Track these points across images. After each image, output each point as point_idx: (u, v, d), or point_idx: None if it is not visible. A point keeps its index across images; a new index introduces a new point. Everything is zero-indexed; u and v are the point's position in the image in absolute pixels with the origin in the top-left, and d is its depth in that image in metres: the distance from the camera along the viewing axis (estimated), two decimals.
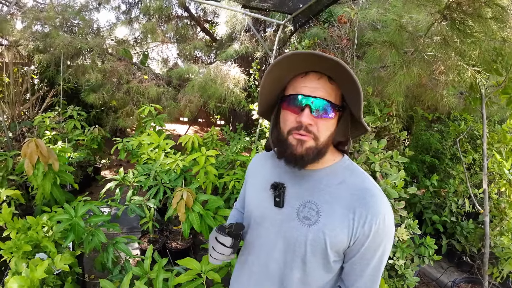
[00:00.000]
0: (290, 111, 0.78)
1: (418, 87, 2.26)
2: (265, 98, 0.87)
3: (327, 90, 0.76)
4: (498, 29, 1.73)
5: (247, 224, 0.96)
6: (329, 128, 0.78)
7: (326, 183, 0.82)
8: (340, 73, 0.74)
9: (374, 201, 0.77)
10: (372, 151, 2.18)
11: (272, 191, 0.86)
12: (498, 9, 1.61)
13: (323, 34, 3.43)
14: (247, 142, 3.20)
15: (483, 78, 1.88)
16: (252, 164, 1.04)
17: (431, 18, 1.83)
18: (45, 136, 3.43)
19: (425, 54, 1.94)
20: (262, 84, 0.83)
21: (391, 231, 0.80)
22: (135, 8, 5.57)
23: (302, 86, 0.77)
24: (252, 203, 0.94)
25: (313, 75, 0.77)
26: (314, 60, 0.73)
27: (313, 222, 0.79)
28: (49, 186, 2.29)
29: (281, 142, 0.81)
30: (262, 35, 4.26)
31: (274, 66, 0.77)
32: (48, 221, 1.87)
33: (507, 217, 2.51)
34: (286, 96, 0.80)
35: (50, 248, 1.71)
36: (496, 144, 2.69)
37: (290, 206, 0.83)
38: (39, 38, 4.44)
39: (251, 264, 0.92)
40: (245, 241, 0.98)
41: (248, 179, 1.02)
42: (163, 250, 2.54)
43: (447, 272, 2.97)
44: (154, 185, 2.48)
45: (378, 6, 2.93)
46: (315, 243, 0.78)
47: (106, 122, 4.62)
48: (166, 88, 4.35)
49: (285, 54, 0.75)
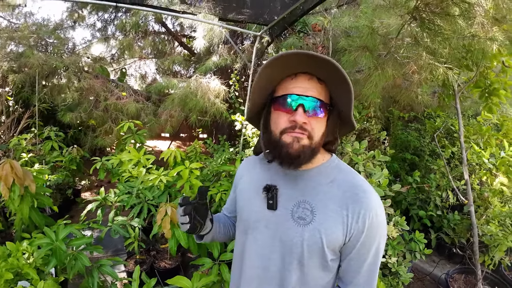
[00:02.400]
0: (282, 112, 0.78)
1: (393, 87, 2.33)
2: (256, 102, 0.87)
3: (318, 90, 0.78)
4: (466, 26, 1.81)
5: (240, 229, 0.94)
6: (321, 127, 0.80)
7: (318, 182, 0.83)
8: (330, 73, 0.75)
9: (366, 197, 0.78)
10: (355, 152, 2.20)
11: (265, 194, 0.85)
12: (465, 6, 1.69)
13: (299, 43, 3.51)
14: (231, 153, 3.18)
15: (455, 74, 1.95)
16: (240, 169, 1.03)
17: (400, 20, 1.90)
18: (22, 159, 3.28)
19: (397, 55, 2.00)
20: (253, 87, 0.83)
21: (384, 225, 0.81)
22: (111, 25, 5.52)
23: (293, 86, 0.78)
24: (244, 208, 0.93)
25: (303, 76, 0.78)
26: (305, 60, 0.74)
27: (308, 222, 0.79)
28: (27, 209, 2.18)
29: (274, 143, 0.80)
30: (240, 47, 4.31)
31: (267, 67, 0.77)
32: (28, 247, 1.77)
33: (491, 205, 2.57)
34: (278, 97, 0.80)
35: (32, 275, 1.62)
36: (472, 136, 2.79)
37: (283, 207, 0.83)
38: (13, 58, 4.30)
39: (248, 269, 0.91)
40: (239, 246, 0.96)
41: (238, 184, 1.01)
42: (151, 271, 2.44)
43: (440, 265, 3.01)
44: (137, 203, 2.39)
45: (349, 13, 3.04)
46: (312, 243, 0.78)
47: (84, 141, 4.48)
48: (145, 104, 4.28)
49: (277, 54, 0.75)
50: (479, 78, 2.45)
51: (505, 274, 2.77)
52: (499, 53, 2.19)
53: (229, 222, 1.12)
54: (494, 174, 2.60)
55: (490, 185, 2.59)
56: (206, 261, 1.97)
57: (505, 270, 2.80)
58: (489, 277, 2.65)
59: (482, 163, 2.58)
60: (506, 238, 2.33)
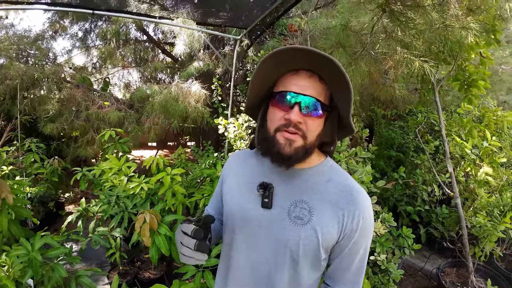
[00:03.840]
0: (279, 108, 0.77)
1: (372, 84, 2.33)
2: (255, 93, 0.85)
3: (317, 89, 0.76)
4: (440, 18, 1.81)
5: (229, 227, 0.89)
6: (317, 127, 0.78)
7: (315, 182, 0.82)
8: (333, 74, 0.74)
9: (359, 197, 0.80)
10: (336, 150, 2.18)
11: (262, 192, 0.82)
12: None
13: (278, 45, 3.53)
14: (215, 158, 3.14)
15: (432, 67, 1.95)
16: (229, 163, 0.99)
17: (373, 16, 1.90)
18: (2, 172, 3.18)
19: (372, 51, 2.00)
20: (252, 78, 0.81)
21: (372, 223, 0.84)
22: (92, 33, 5.47)
23: (293, 83, 0.76)
24: (234, 205, 0.88)
25: (304, 73, 0.77)
26: (307, 57, 0.72)
27: (305, 222, 0.78)
28: (6, 222, 2.12)
29: (267, 139, 0.79)
30: (221, 51, 4.30)
31: (270, 59, 0.75)
32: (7, 259, 1.72)
33: (478, 197, 2.57)
34: (276, 93, 0.79)
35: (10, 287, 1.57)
36: (454, 129, 2.80)
37: (279, 206, 0.81)
38: None
39: (236, 269, 0.87)
40: (225, 246, 0.91)
41: (226, 178, 0.96)
42: (135, 282, 2.36)
43: (430, 260, 2.99)
44: (118, 213, 2.33)
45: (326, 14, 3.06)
46: (308, 242, 0.78)
47: (67, 153, 4.38)
48: (128, 112, 4.22)
49: (279, 48, 0.73)
50: (457, 71, 2.46)
51: (498, 265, 2.76)
52: (476, 44, 2.21)
53: (218, 225, 1.03)
54: (478, 164, 2.60)
55: (475, 176, 2.59)
56: (190, 269, 1.92)
57: (498, 261, 2.80)
58: (481, 269, 2.63)
59: (465, 154, 2.58)
60: (495, 229, 2.31)
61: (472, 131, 2.68)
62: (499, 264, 2.79)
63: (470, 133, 2.70)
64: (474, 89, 2.46)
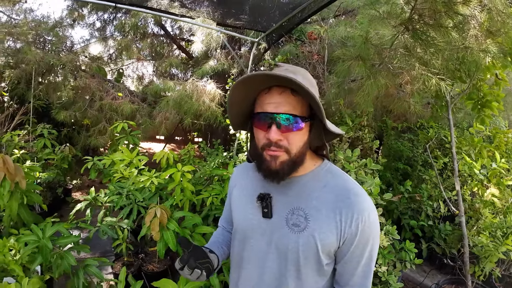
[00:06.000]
0: (259, 129, 0.80)
1: (386, 97, 2.34)
2: (236, 115, 0.89)
3: (291, 103, 0.77)
4: (460, 38, 1.83)
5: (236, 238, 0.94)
6: (301, 139, 0.80)
7: (311, 188, 0.84)
8: (296, 87, 0.75)
9: (358, 200, 0.80)
10: (347, 160, 2.21)
11: (259, 203, 0.86)
12: (459, 19, 1.71)
13: (295, 51, 3.55)
14: (225, 157, 3.17)
15: (448, 86, 1.97)
16: (235, 175, 1.04)
17: (394, 31, 1.92)
18: (14, 155, 3.24)
19: (391, 65, 2.02)
20: (228, 102, 0.85)
21: (376, 227, 0.83)
22: (110, 25, 5.52)
23: (267, 103, 0.78)
24: (239, 216, 0.94)
25: (276, 90, 0.78)
26: (273, 77, 0.74)
27: (302, 229, 0.80)
28: (16, 206, 2.15)
29: (257, 156, 0.83)
30: (237, 52, 4.33)
31: (241, 84, 0.77)
32: (15, 244, 1.75)
33: (482, 217, 2.58)
34: (255, 114, 0.82)
35: (17, 272, 1.60)
36: (464, 147, 2.81)
37: (278, 215, 0.84)
38: (10, 54, 4.28)
39: (245, 278, 0.91)
40: (236, 256, 0.96)
41: (233, 191, 1.01)
42: (139, 274, 2.40)
43: (430, 276, 2.99)
44: (127, 204, 2.37)
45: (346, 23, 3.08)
46: (307, 248, 0.79)
47: (77, 140, 4.44)
48: (141, 105, 4.27)
49: (245, 76, 0.76)
50: (472, 90, 2.47)
51: (495, 285, 2.76)
52: (492, 65, 2.22)
53: (229, 237, 1.09)
54: (485, 185, 2.61)
55: (481, 196, 2.60)
56: None
57: (495, 282, 2.80)
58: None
59: (473, 174, 2.59)
60: (496, 249, 2.33)
61: (482, 151, 2.68)
62: (497, 285, 2.79)
63: (480, 153, 2.70)
64: (487, 110, 2.46)
